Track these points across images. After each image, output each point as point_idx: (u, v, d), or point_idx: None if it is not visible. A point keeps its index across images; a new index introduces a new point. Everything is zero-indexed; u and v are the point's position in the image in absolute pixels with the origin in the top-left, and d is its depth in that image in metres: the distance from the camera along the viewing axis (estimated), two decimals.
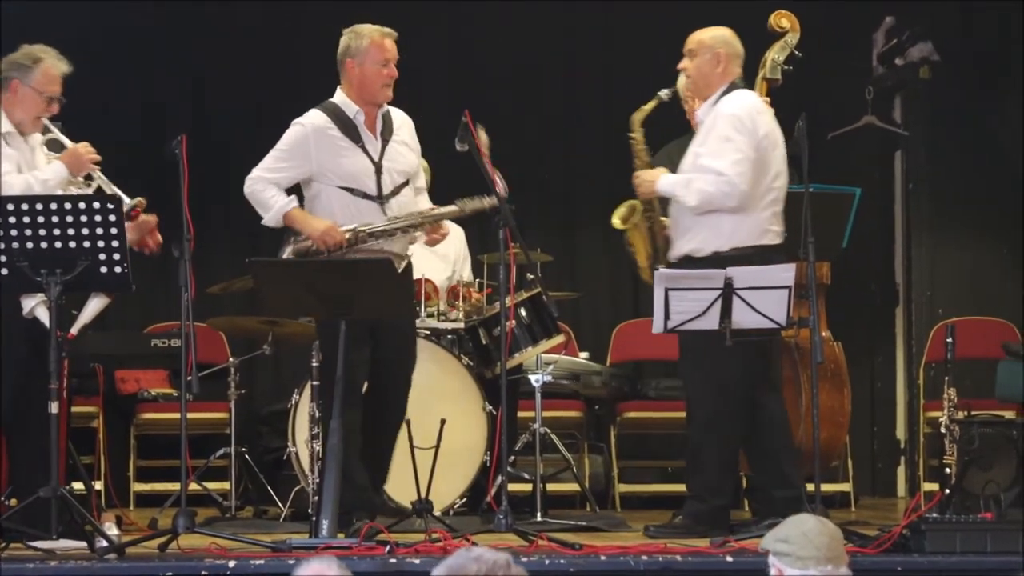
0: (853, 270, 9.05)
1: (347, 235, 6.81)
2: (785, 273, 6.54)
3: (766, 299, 6.52)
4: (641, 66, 9.72)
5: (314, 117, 6.95)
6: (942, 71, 9.86)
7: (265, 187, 6.91)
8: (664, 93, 7.35)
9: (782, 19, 7.25)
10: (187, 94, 9.86)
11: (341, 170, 6.90)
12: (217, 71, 9.94)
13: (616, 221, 7.33)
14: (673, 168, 7.98)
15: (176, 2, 9.72)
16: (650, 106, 7.32)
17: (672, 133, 8.16)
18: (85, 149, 6.70)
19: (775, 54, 7.38)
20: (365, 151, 6.93)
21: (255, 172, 6.94)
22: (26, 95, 6.68)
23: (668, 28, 9.63)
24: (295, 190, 7.02)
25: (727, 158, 6.87)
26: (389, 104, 7.04)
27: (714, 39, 7.09)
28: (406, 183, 7.01)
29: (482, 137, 6.76)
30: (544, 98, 10.12)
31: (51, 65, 6.71)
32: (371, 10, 9.36)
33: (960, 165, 9.88)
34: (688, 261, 6.95)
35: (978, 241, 9.88)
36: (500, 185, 6.73)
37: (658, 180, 7.09)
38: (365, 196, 6.90)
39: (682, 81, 7.91)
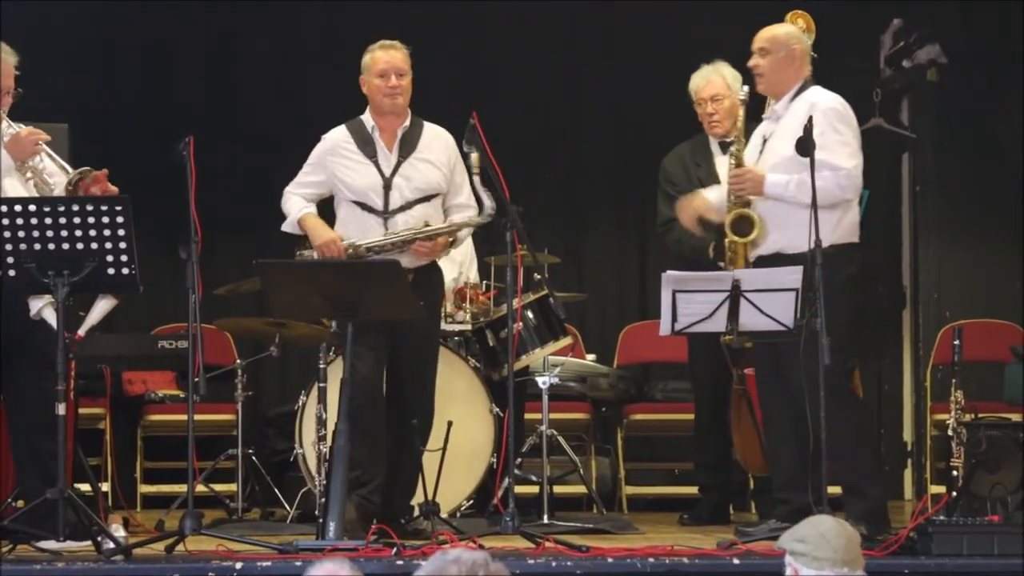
0: (860, 272, 9.01)
1: (348, 250, 6.86)
2: (792, 275, 6.50)
3: (773, 301, 6.49)
4: (644, 66, 9.74)
5: (335, 132, 7.08)
6: (947, 72, 9.85)
7: (290, 198, 7.08)
8: (743, 92, 7.19)
9: (798, 19, 7.15)
10: (190, 95, 9.85)
11: (351, 184, 6.99)
12: (222, 72, 9.94)
13: (735, 237, 6.81)
14: (682, 169, 7.98)
15: (184, 4, 9.73)
16: (741, 113, 7.11)
17: (682, 135, 8.16)
18: (28, 133, 6.54)
19: None
20: (377, 166, 6.98)
21: (288, 187, 7.10)
22: None
23: (669, 28, 9.68)
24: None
25: (841, 152, 6.67)
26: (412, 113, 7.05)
27: (788, 36, 6.92)
28: (424, 199, 6.99)
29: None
30: (548, 99, 10.11)
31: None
32: (373, 11, 9.39)
33: (967, 167, 9.86)
34: (777, 258, 6.70)
35: (985, 243, 9.86)
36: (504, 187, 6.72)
37: (766, 180, 6.74)
38: (371, 211, 6.95)
39: (695, 83, 7.89)
